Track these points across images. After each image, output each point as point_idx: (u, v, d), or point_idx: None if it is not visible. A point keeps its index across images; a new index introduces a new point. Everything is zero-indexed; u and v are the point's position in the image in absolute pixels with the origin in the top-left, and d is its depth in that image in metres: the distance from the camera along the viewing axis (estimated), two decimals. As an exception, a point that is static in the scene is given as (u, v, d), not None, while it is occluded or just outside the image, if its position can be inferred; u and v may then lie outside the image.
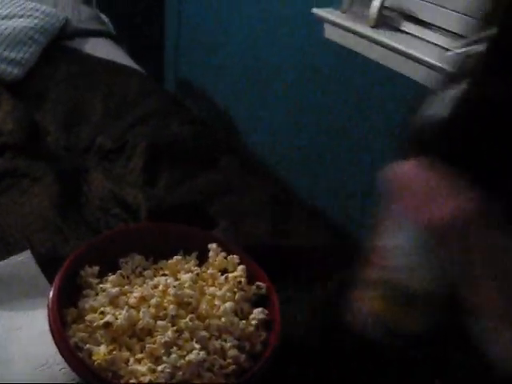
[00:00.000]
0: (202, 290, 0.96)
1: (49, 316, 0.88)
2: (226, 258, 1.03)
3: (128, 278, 0.99)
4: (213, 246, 1.03)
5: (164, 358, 0.85)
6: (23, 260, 1.11)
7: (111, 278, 0.96)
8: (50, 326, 0.87)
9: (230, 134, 1.66)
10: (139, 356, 0.85)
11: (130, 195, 1.33)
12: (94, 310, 0.91)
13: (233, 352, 0.89)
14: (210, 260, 1.02)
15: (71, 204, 1.36)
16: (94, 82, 1.97)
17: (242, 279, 0.98)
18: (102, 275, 0.98)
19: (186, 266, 1.01)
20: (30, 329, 0.99)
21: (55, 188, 1.38)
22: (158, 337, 0.87)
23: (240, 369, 0.89)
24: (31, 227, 1.23)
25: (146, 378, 0.81)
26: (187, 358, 0.85)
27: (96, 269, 0.98)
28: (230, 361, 0.88)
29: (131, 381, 0.82)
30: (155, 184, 1.45)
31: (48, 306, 0.89)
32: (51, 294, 0.90)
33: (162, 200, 1.30)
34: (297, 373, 0.97)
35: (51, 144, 1.64)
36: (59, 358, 0.85)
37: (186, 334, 0.88)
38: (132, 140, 1.59)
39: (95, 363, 0.83)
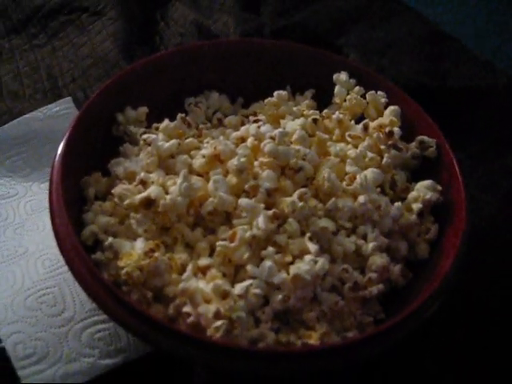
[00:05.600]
0: (322, 147, 0.54)
1: (50, 187, 0.50)
2: (364, 96, 0.59)
3: (197, 128, 0.58)
4: (341, 75, 0.60)
5: (249, 268, 0.44)
6: (58, 111, 0.75)
7: (164, 124, 0.55)
8: (51, 203, 0.49)
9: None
10: (204, 262, 0.46)
11: (218, 22, 0.92)
12: (130, 176, 0.51)
13: (380, 258, 0.48)
14: (337, 99, 0.60)
15: (141, 44, 0.99)
16: None
17: (395, 129, 0.54)
18: (153, 123, 0.58)
19: (294, 108, 0.58)
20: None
21: (121, 24, 1.01)
22: (240, 228, 0.46)
23: (391, 289, 0.48)
24: (89, 72, 0.88)
25: (210, 309, 0.41)
26: (293, 269, 0.44)
27: (143, 111, 0.57)
28: (372, 275, 0.47)
29: (185, 309, 0.43)
30: (258, 12, 1.03)
31: (52, 169, 0.51)
32: (59, 150, 0.51)
33: (264, 25, 0.88)
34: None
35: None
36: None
37: (293, 225, 0.47)
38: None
39: (122, 272, 0.45)
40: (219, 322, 0.40)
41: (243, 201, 0.47)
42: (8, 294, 0.54)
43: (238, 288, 0.42)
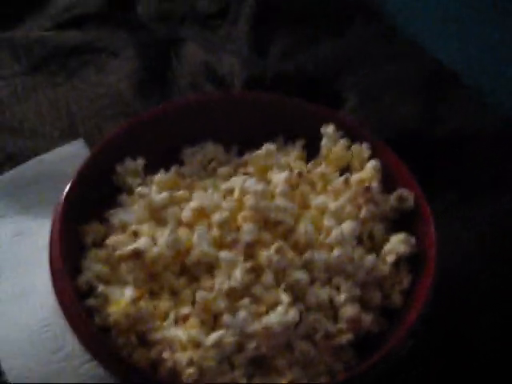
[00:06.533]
0: (304, 201, 0.57)
1: (51, 233, 0.54)
2: (349, 148, 0.63)
3: (192, 178, 0.62)
4: (329, 128, 0.63)
5: (225, 318, 0.48)
6: (72, 152, 0.79)
7: (158, 176, 0.59)
8: (50, 248, 0.53)
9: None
10: (184, 311, 0.50)
11: (225, 65, 0.96)
12: (124, 226, 0.56)
13: (351, 309, 0.51)
14: (323, 151, 0.63)
15: (155, 82, 1.03)
16: None
17: (374, 183, 0.58)
18: (153, 172, 0.62)
19: (283, 159, 0.62)
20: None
21: (137, 63, 1.05)
22: (219, 278, 0.50)
23: (363, 338, 0.51)
24: (104, 112, 0.92)
25: (184, 357, 0.45)
26: (266, 320, 0.48)
27: (141, 163, 0.62)
28: (344, 325, 0.51)
29: (164, 355, 0.47)
30: (265, 53, 1.06)
31: (53, 214, 0.55)
32: (61, 196, 0.56)
33: (268, 69, 0.91)
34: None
35: (142, 14, 1.30)
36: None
37: (269, 276, 0.51)
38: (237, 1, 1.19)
39: (111, 319, 0.49)
40: (190, 370, 0.44)
41: (222, 253, 0.51)
42: (14, 330, 0.59)
43: (211, 338, 0.46)
